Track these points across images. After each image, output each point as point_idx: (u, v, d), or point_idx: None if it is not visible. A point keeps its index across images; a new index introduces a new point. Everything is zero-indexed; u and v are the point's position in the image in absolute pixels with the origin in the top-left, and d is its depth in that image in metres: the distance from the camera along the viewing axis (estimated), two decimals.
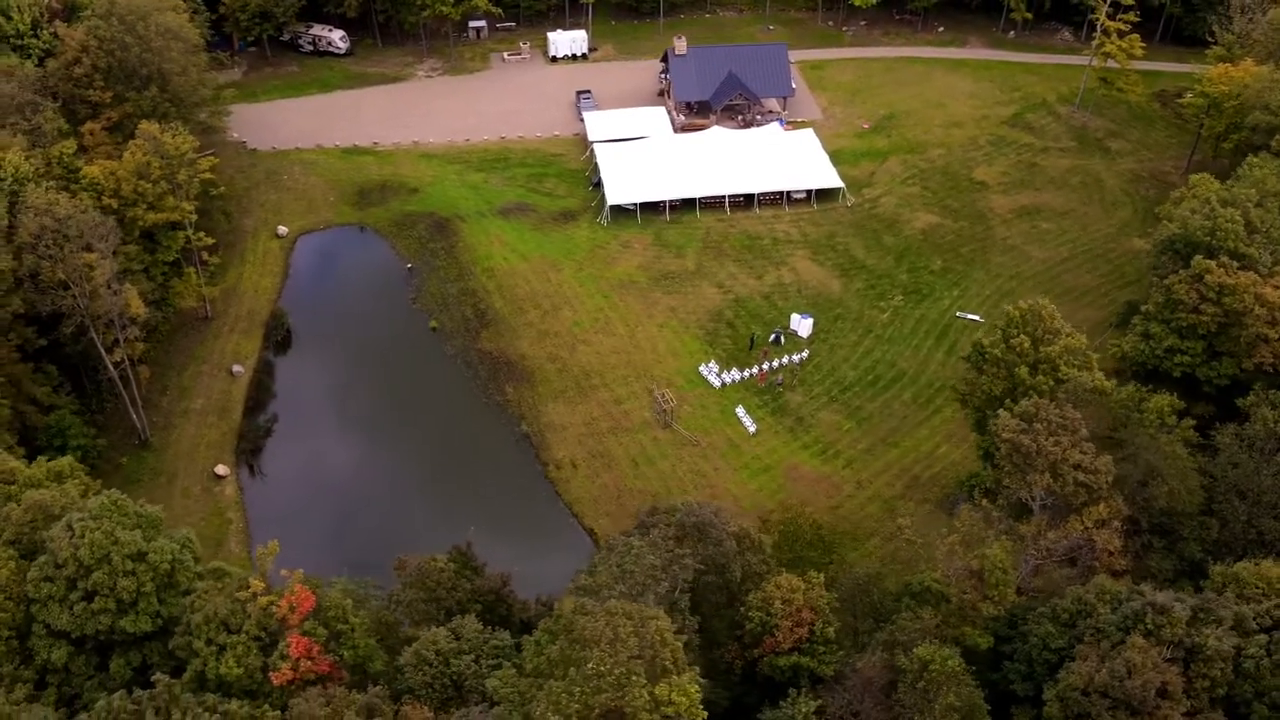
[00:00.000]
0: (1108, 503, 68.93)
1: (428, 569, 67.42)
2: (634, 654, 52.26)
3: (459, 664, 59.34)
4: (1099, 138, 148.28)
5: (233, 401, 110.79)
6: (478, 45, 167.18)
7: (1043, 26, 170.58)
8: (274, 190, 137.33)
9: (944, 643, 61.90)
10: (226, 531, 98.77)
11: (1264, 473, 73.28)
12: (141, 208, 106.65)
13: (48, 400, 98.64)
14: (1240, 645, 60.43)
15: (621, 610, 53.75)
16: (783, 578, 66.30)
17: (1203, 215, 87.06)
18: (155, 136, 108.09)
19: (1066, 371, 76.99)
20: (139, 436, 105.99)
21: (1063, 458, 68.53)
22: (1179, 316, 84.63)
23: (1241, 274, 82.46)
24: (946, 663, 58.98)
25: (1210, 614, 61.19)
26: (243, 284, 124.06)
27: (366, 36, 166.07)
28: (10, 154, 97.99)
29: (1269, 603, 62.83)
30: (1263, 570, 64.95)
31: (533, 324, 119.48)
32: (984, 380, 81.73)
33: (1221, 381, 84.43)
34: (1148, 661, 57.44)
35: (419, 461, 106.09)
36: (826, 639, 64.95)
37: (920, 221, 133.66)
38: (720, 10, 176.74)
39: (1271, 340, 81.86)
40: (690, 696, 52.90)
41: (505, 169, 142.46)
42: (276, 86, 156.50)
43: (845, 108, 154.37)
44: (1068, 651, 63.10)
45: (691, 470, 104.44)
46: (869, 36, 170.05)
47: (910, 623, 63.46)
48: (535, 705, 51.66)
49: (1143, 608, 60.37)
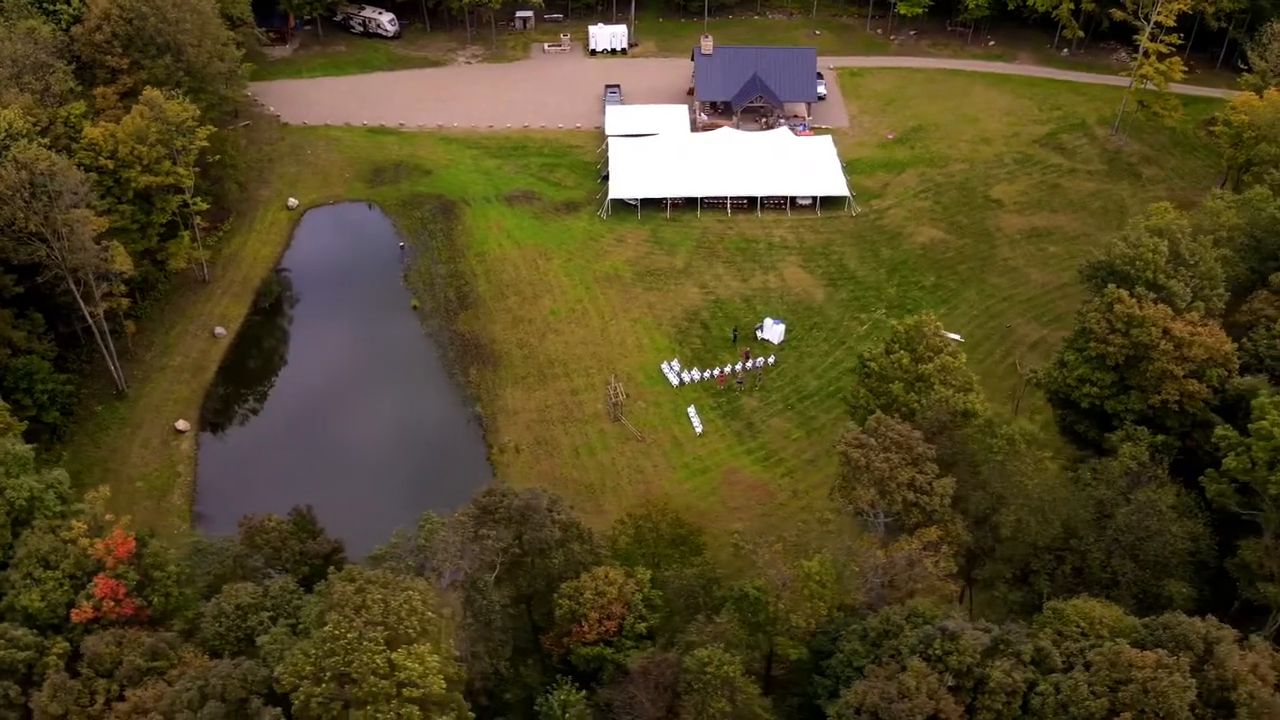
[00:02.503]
0: (946, 526, 66.86)
1: (256, 528, 69.55)
2: (375, 620, 53.30)
3: (255, 619, 61.31)
4: (1131, 163, 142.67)
5: (209, 361, 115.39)
6: (522, 35, 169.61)
7: (1100, 46, 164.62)
8: (295, 163, 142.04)
9: (753, 650, 61.21)
10: (174, 484, 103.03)
11: (1119, 511, 70.04)
12: (136, 170, 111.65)
13: (24, 344, 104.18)
14: (1034, 681, 58.10)
15: (378, 579, 54.88)
16: (601, 570, 66.39)
17: (1128, 244, 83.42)
18: (157, 103, 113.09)
19: (940, 390, 74.84)
20: (116, 387, 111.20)
21: (890, 475, 66.76)
22: (1091, 345, 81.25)
23: (1154, 306, 78.65)
24: (722, 668, 58.34)
25: (1010, 647, 58.99)
26: (245, 251, 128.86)
27: (416, 21, 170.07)
28: (8, 111, 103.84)
29: (1084, 642, 60.22)
30: (1087, 609, 62.31)
31: (510, 310, 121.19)
32: (863, 393, 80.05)
33: (1129, 416, 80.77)
34: (923, 686, 55.80)
35: (370, 432, 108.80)
36: (637, 634, 64.77)
37: (922, 236, 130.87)
38: (770, 13, 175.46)
39: (1178, 377, 77.98)
40: (426, 664, 53.71)
41: (521, 157, 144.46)
42: (320, 65, 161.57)
43: (874, 117, 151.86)
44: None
45: (630, 465, 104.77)
46: (916, 46, 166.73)
47: (703, 625, 62.89)
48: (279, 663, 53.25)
49: (933, 633, 58.59)
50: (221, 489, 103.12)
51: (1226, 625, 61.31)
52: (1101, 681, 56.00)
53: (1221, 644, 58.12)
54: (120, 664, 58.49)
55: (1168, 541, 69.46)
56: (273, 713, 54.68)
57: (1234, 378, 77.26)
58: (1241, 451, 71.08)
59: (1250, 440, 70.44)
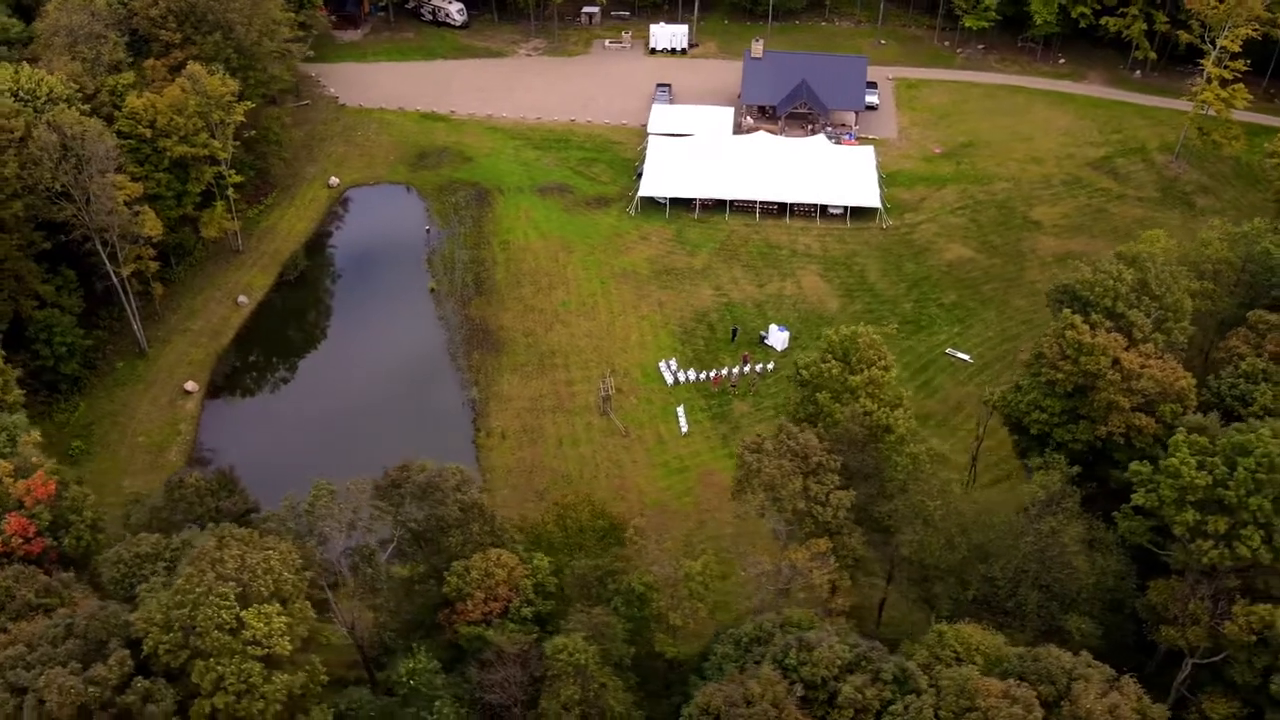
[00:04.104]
0: (841, 539, 65.59)
1: (175, 483, 72.28)
2: (228, 576, 55.16)
3: (150, 568, 63.89)
4: (1187, 191, 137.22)
5: (228, 328, 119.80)
6: (586, 30, 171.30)
7: (1176, 69, 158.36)
8: (344, 144, 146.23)
9: (630, 644, 61.41)
10: (173, 441, 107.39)
11: (1023, 540, 67.63)
12: (174, 140, 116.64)
13: (51, 298, 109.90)
14: (890, 700, 56.77)
15: (241, 536, 56.75)
16: (495, 552, 67.17)
17: (1093, 269, 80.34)
18: (199, 77, 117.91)
19: (864, 403, 73.34)
20: (139, 346, 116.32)
21: (780, 482, 65.77)
22: (1044, 371, 78.56)
23: (1108, 335, 75.54)
24: (574, 655, 58.59)
25: (871, 664, 57.79)
26: (281, 225, 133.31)
27: (486, 12, 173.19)
28: (50, 76, 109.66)
29: (956, 668, 58.50)
30: (967, 634, 60.57)
31: (523, 299, 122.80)
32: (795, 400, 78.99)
33: (1077, 446, 77.79)
34: (768, 694, 55.14)
35: (367, 407, 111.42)
36: (522, 618, 65.41)
37: (951, 253, 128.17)
38: (838, 20, 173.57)
39: (1124, 409, 74.77)
40: (272, 624, 55.31)
41: (562, 150, 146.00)
42: (386, 50, 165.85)
43: (925, 130, 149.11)
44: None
45: (610, 459, 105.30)
46: (983, 61, 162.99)
47: (579, 615, 63.14)
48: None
49: (790, 644, 57.78)
50: (217, 449, 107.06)
51: (1100, 664, 59.07)
52: (948, 707, 54.57)
53: (1079, 681, 55.96)
54: (13, 598, 61.79)
55: (1070, 574, 67.04)
56: (120, 655, 57.17)
57: (1187, 415, 73.92)
58: (1152, 488, 68.10)
59: (1160, 477, 67.47)
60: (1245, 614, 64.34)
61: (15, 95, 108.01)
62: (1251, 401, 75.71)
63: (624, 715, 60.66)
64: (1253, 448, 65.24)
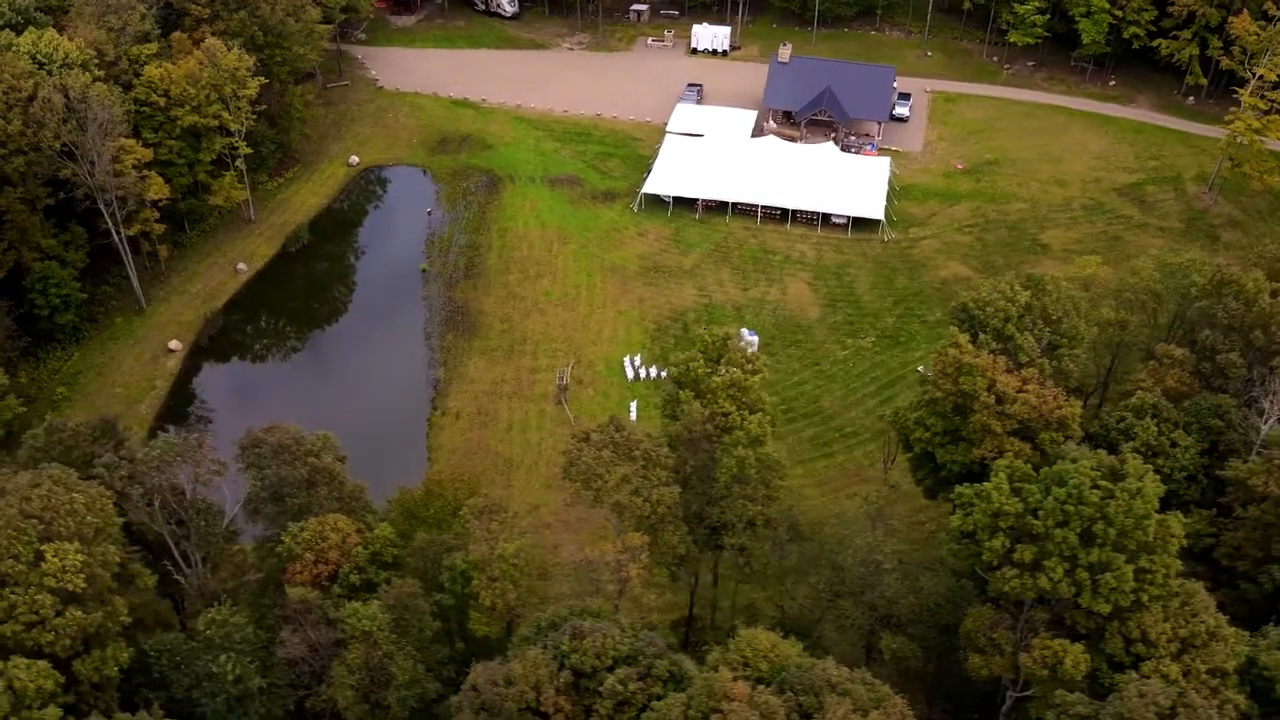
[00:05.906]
0: (663, 535, 64.91)
1: (56, 428, 75.44)
2: (32, 514, 57.96)
3: None
4: (1214, 225, 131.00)
5: (223, 293, 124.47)
6: (633, 28, 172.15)
7: (1233, 95, 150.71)
8: (372, 124, 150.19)
9: (439, 619, 62.30)
10: (147, 395, 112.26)
11: (844, 554, 65.65)
12: (186, 109, 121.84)
13: (55, 252, 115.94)
14: (659, 696, 56.32)
15: (55, 477, 59.52)
16: (331, 517, 68.63)
17: (990, 288, 77.41)
18: (215, 51, 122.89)
19: (723, 404, 72.30)
20: (138, 304, 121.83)
21: (597, 473, 65.37)
22: (927, 389, 76.11)
23: (990, 357, 72.73)
24: (361, 621, 59.70)
25: (645, 659, 57.38)
26: (295, 199, 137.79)
27: (538, 4, 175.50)
28: (68, 42, 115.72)
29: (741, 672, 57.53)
30: (761, 639, 59.40)
31: (508, 285, 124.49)
32: (665, 396, 78.34)
33: (955, 467, 75.08)
34: (530, 676, 55.35)
35: (335, 378, 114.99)
36: (350, 585, 66.75)
37: (948, 271, 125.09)
38: (889, 29, 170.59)
39: (997, 434, 71.82)
40: (67, 562, 57.89)
41: (581, 143, 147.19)
42: (435, 37, 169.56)
43: (951, 145, 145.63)
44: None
45: (554, 448, 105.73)
46: (1029, 78, 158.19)
47: (394, 587, 64.27)
48: None
49: (564, 631, 57.79)
50: (187, 405, 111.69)
51: (875, 682, 57.34)
52: (698, 708, 53.80)
53: (830, 695, 54.42)
54: None
55: (881, 592, 64.99)
56: None
57: (1068, 444, 70.77)
58: (969, 511, 65.44)
59: (976, 501, 64.74)
60: (1041, 647, 61.88)
61: (33, 58, 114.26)
62: (1134, 436, 72.25)
63: (407, 684, 61.60)
64: (1068, 478, 62.67)
